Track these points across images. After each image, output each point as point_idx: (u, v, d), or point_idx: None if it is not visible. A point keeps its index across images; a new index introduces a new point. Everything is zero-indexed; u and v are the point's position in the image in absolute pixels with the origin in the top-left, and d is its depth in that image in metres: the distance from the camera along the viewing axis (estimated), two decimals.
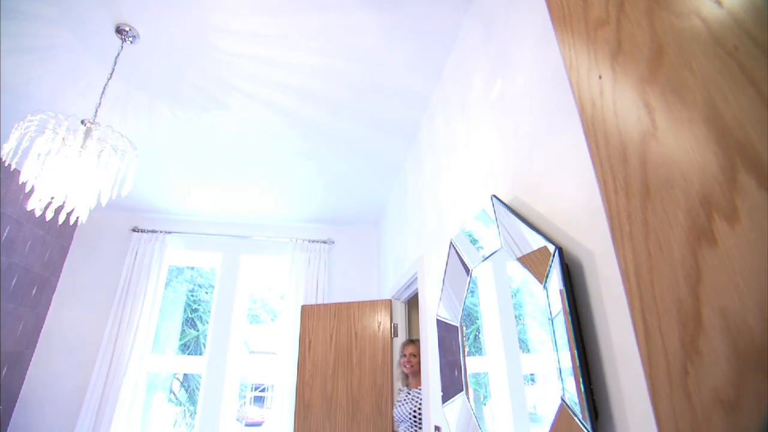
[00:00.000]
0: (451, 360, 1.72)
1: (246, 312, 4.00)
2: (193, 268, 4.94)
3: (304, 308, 3.33)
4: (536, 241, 1.04)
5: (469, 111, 1.79)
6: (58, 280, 3.75)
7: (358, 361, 3.02)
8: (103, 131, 1.63)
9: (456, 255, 1.66)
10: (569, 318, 0.89)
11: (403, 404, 2.51)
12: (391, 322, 3.05)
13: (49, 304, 3.67)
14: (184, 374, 4.58)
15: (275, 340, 3.64)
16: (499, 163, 1.45)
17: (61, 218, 1.67)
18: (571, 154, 1.02)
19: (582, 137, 0.94)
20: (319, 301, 3.59)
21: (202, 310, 4.99)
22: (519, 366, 1.21)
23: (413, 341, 2.66)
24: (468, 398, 1.53)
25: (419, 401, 2.47)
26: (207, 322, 4.75)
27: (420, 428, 2.40)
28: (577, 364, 0.85)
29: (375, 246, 4.08)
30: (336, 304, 3.27)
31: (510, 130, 1.38)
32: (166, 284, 3.90)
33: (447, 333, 1.76)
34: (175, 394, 4.98)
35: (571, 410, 0.87)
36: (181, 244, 3.91)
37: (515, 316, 1.28)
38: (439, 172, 2.15)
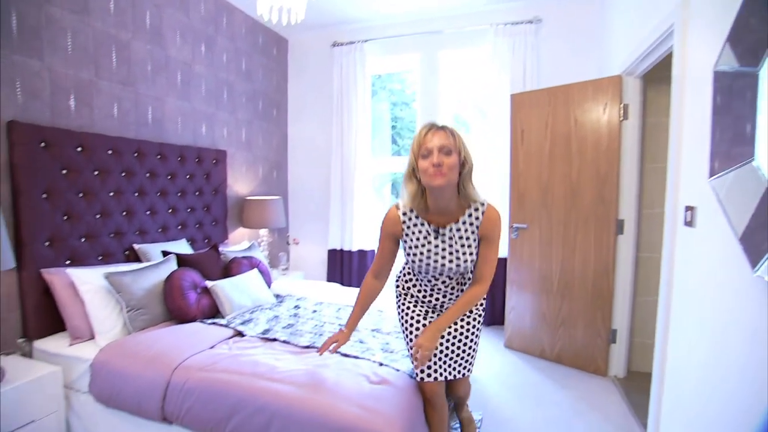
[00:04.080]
0: (730, 123, 1.34)
1: (450, 113, 4.00)
2: (385, 87, 5.04)
3: (514, 97, 3.08)
4: None
5: None
6: (287, 101, 4.38)
7: (579, 149, 2.77)
8: None
9: None
10: None
11: (440, 251, 1.48)
12: (620, 102, 2.58)
13: (287, 122, 4.41)
14: (392, 184, 5.13)
15: (480, 142, 3.61)
16: None
17: (284, 19, 1.76)
18: None
19: None
20: (528, 90, 3.27)
21: (399, 126, 5.27)
22: None
23: (441, 127, 1.40)
24: (760, 166, 1.20)
25: (468, 244, 1.47)
26: (405, 137, 5.07)
27: (458, 283, 1.58)
28: None
29: (593, 15, 3.26)
30: (551, 88, 2.90)
31: None
32: (372, 98, 4.11)
33: (731, 88, 1.33)
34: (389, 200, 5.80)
35: None
36: (378, 51, 3.92)
37: None
38: None
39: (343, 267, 4.09)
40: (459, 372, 1.64)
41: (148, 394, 1.74)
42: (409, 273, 1.66)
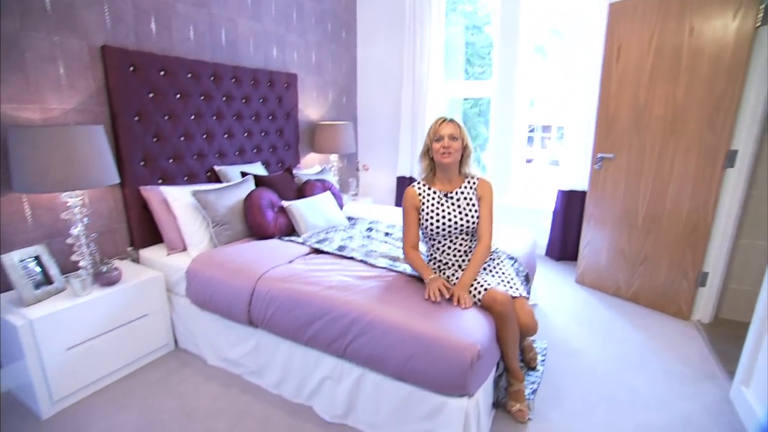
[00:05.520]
0: None
1: (529, 33, 3.58)
2: (456, 9, 4.59)
3: (612, 7, 2.64)
4: None
5: None
6: (356, 22, 4.17)
7: (690, 65, 2.36)
8: None
9: None
10: None
11: (452, 211, 1.85)
12: (761, 2, 2.09)
13: (356, 44, 4.23)
14: (463, 115, 4.87)
15: (559, 68, 3.23)
16: None
17: None
18: None
19: None
20: None
21: (469, 53, 4.88)
22: None
23: (451, 120, 1.84)
24: None
25: (472, 204, 1.85)
26: (475, 64, 4.73)
27: (473, 241, 1.89)
28: None
29: None
30: None
31: None
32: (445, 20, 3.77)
33: None
34: None
35: None
36: None
37: None
38: None
39: None
40: (511, 287, 1.82)
41: (235, 301, 1.93)
42: (432, 254, 1.94)
